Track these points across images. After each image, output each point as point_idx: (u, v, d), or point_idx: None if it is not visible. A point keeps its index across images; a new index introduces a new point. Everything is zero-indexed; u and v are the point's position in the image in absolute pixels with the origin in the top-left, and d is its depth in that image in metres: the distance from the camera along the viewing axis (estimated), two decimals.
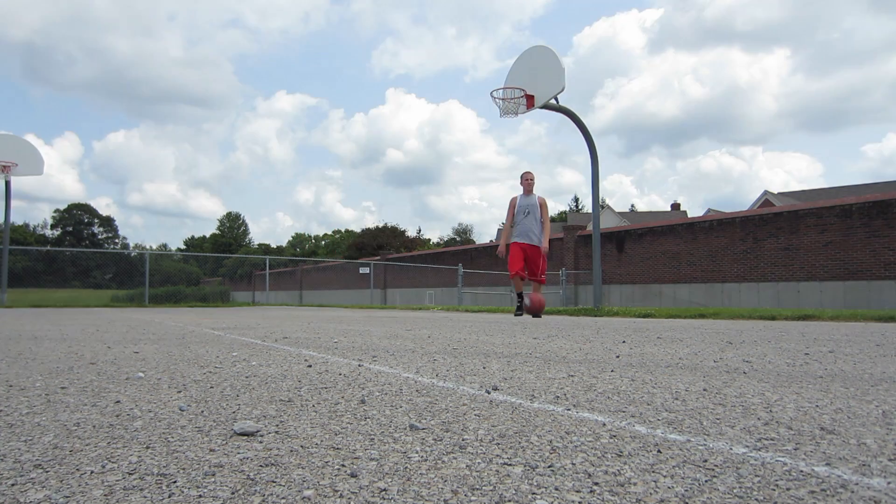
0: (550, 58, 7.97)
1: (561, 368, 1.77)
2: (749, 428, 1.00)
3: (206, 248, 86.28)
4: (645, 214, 51.88)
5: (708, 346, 2.54)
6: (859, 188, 31.22)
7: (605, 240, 17.79)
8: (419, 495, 0.67)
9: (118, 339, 3.00)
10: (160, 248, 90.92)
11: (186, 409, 1.15)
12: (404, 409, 1.16)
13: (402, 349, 2.40)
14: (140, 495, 0.67)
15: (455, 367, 1.79)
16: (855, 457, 0.83)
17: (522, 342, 2.75)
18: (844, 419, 1.07)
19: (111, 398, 1.28)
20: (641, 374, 1.63)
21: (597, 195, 8.47)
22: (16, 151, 12.02)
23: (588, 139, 8.44)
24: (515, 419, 1.06)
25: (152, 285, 18.56)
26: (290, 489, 0.69)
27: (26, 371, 1.73)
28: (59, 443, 0.91)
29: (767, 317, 5.27)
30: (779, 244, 13.52)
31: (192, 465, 0.78)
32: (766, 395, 1.31)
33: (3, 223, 12.07)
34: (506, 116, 8.31)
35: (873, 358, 2.05)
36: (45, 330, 3.75)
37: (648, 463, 0.79)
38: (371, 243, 55.95)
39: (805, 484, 0.71)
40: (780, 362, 1.92)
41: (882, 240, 12.07)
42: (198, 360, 2.02)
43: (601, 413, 1.12)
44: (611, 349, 2.36)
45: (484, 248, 24.06)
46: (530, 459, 0.81)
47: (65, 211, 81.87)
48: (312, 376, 1.60)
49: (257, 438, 0.93)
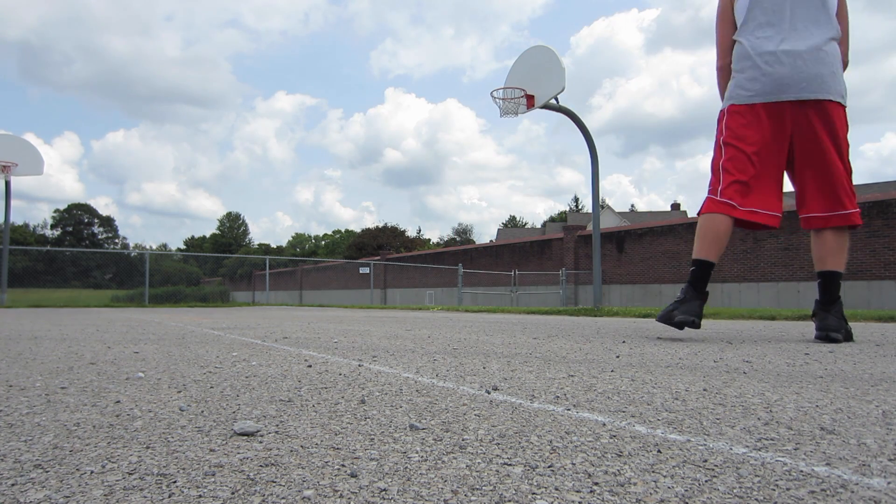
0: (550, 58, 7.97)
1: (561, 368, 1.77)
2: (749, 428, 1.00)
3: (206, 248, 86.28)
4: (645, 214, 51.89)
5: (708, 346, 2.54)
6: (859, 188, 31.21)
7: (605, 240, 17.78)
8: (419, 495, 0.67)
9: (118, 339, 3.00)
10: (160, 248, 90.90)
11: (186, 409, 1.15)
12: (404, 409, 1.16)
13: (402, 349, 2.40)
14: (140, 495, 0.67)
15: (455, 367, 1.79)
16: (855, 457, 0.83)
17: (522, 342, 2.75)
18: (844, 419, 1.07)
19: (111, 398, 1.28)
20: (641, 374, 1.63)
21: (597, 195, 8.48)
22: (16, 151, 12.02)
23: (588, 139, 8.44)
24: (515, 419, 1.06)
25: (152, 285, 18.57)
26: (290, 489, 0.69)
27: (26, 371, 1.73)
28: (59, 443, 0.91)
29: (767, 317, 5.27)
30: (779, 244, 13.52)
31: (192, 465, 0.78)
32: (766, 395, 1.31)
33: (3, 223, 12.07)
34: (506, 116, 8.32)
35: (873, 358, 2.05)
36: (45, 330, 3.75)
37: (648, 463, 0.80)
38: (371, 243, 55.95)
39: (805, 484, 0.71)
40: (780, 362, 1.92)
41: (882, 240, 12.06)
42: (198, 360, 2.02)
43: (601, 413, 1.12)
44: (611, 349, 2.36)
45: (484, 248, 24.07)
46: (530, 459, 0.81)
47: (65, 211, 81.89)
48: (312, 376, 1.60)
49: (257, 438, 0.93)
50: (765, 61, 2.69)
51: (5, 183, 11.99)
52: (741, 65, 2.78)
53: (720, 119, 2.86)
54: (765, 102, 2.70)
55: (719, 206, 2.72)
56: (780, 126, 2.70)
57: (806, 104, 2.65)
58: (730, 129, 2.78)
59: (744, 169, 2.72)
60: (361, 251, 53.42)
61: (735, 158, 2.74)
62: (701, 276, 2.73)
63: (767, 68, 2.68)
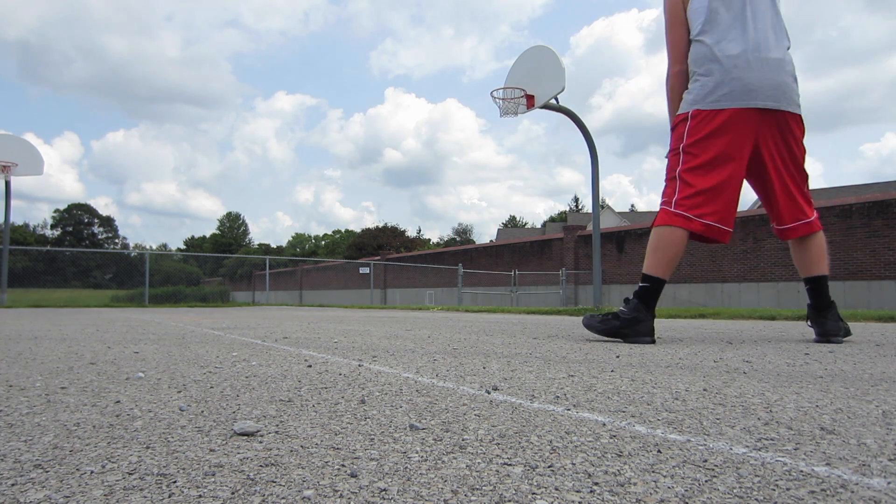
0: (550, 58, 7.97)
1: (561, 368, 1.77)
2: (749, 428, 1.00)
3: (206, 248, 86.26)
4: (645, 214, 51.84)
5: (708, 346, 2.54)
6: (859, 188, 31.20)
7: (605, 240, 17.78)
8: (419, 495, 0.67)
9: (118, 339, 3.00)
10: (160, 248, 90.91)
11: (186, 409, 1.15)
12: (404, 409, 1.16)
13: (402, 349, 2.40)
14: (140, 495, 0.67)
15: (455, 367, 1.79)
16: (855, 457, 0.83)
17: (522, 342, 2.75)
18: (844, 419, 1.07)
19: (111, 398, 1.28)
20: (641, 374, 1.63)
21: (597, 195, 8.48)
22: (16, 151, 12.02)
23: (588, 139, 8.44)
24: (515, 419, 1.06)
25: (152, 285, 18.57)
26: (290, 489, 0.69)
27: (26, 371, 1.73)
28: (59, 443, 0.91)
29: (767, 317, 5.27)
30: (779, 244, 13.50)
31: (192, 465, 0.78)
32: (766, 395, 1.31)
33: (3, 223, 12.07)
34: (506, 116, 8.32)
35: (873, 358, 2.05)
36: (45, 330, 3.75)
37: (648, 463, 0.80)
38: (371, 243, 55.95)
39: (805, 484, 0.71)
40: (780, 362, 1.92)
41: (882, 240, 12.06)
42: (198, 360, 2.02)
43: (601, 413, 1.12)
44: (611, 349, 2.36)
45: (484, 248, 24.06)
46: (530, 459, 0.81)
47: (65, 211, 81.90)
48: (312, 376, 1.60)
49: (257, 438, 0.93)
50: (733, 65, 2.55)
51: (5, 183, 11.99)
52: (706, 67, 2.61)
53: (678, 123, 2.70)
54: (731, 108, 2.55)
55: (674, 219, 2.60)
56: (745, 133, 2.57)
57: (771, 112, 2.58)
58: (691, 136, 2.62)
59: (703, 179, 2.58)
60: (361, 251, 53.42)
61: (694, 168, 2.60)
62: (653, 293, 2.63)
63: (736, 72, 2.54)
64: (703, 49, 2.63)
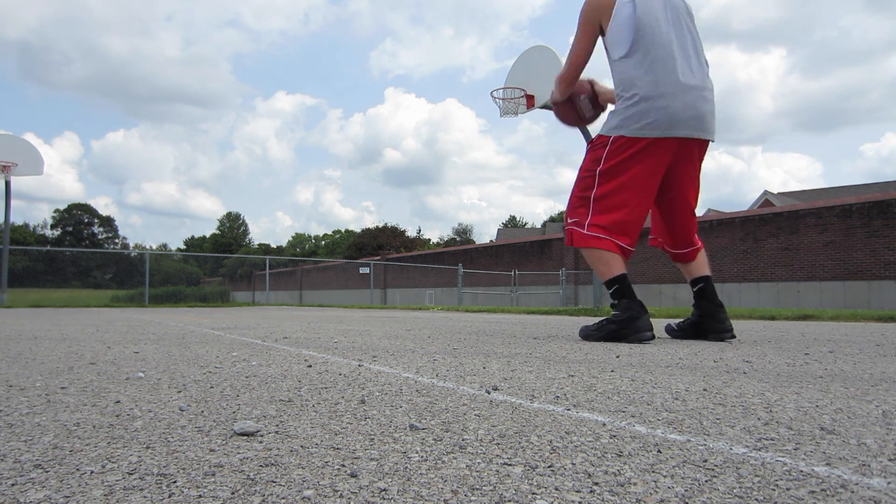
0: (550, 58, 7.97)
1: (561, 368, 1.77)
2: (749, 428, 1.00)
3: (206, 248, 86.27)
4: None
5: (708, 346, 2.54)
6: (859, 188, 31.20)
7: None
8: (419, 495, 0.67)
9: (118, 339, 3.00)
10: (160, 248, 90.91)
11: (186, 409, 1.15)
12: (404, 409, 1.16)
13: (402, 349, 2.40)
14: (140, 495, 0.67)
15: (455, 367, 1.79)
16: (855, 457, 0.83)
17: (522, 342, 2.75)
18: (844, 419, 1.07)
19: (111, 398, 1.28)
20: (641, 374, 1.63)
21: None
22: (15, 151, 12.01)
23: (588, 139, 8.44)
24: (515, 419, 1.06)
25: (152, 285, 18.57)
26: (290, 489, 0.69)
27: (26, 371, 1.73)
28: (59, 443, 0.91)
29: (767, 317, 5.27)
30: (779, 244, 13.51)
31: (192, 465, 0.78)
32: (766, 395, 1.31)
33: (3, 223, 12.07)
34: (506, 116, 8.32)
35: (873, 358, 2.05)
36: (45, 330, 3.75)
37: (648, 463, 0.80)
38: (371, 243, 55.94)
39: (805, 484, 0.71)
40: (780, 362, 1.92)
41: (882, 240, 12.06)
42: (198, 360, 2.02)
43: (601, 413, 1.12)
44: (611, 349, 2.36)
45: (484, 248, 24.06)
46: (530, 459, 0.81)
47: (65, 211, 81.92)
48: (312, 376, 1.60)
49: (257, 438, 0.93)
50: (659, 93, 2.54)
51: (5, 183, 11.98)
52: (631, 92, 2.60)
53: (598, 146, 2.73)
54: (653, 137, 2.57)
55: (591, 241, 2.69)
56: (661, 162, 2.63)
57: (689, 141, 2.62)
58: (608, 161, 2.65)
59: (617, 206, 2.65)
60: (361, 251, 53.41)
61: (608, 193, 2.67)
62: (626, 286, 2.69)
63: (661, 101, 2.53)
64: (629, 71, 2.61)
